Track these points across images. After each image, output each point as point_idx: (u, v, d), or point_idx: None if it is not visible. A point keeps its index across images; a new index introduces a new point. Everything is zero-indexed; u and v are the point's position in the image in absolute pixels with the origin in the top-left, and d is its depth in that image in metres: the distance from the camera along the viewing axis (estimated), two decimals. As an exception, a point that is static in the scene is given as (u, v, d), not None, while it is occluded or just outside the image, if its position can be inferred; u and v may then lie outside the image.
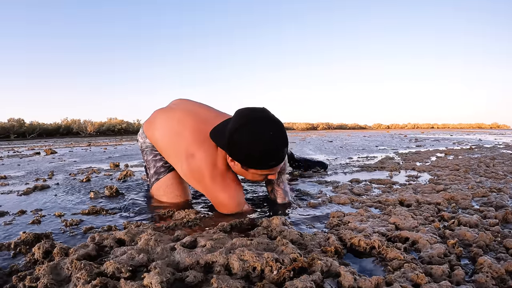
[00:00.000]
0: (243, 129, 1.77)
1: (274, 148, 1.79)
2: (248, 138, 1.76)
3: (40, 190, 2.92)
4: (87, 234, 1.71)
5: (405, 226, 1.71)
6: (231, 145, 1.82)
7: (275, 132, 1.79)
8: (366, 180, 3.25)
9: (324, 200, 2.33)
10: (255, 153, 1.78)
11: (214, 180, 1.98)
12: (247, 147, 1.77)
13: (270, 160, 1.82)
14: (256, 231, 1.65)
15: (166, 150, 2.25)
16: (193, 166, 2.00)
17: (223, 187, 2.00)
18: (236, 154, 1.84)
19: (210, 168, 1.97)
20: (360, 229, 1.66)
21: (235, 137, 1.79)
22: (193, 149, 2.03)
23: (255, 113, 1.83)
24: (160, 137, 2.30)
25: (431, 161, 4.96)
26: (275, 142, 1.79)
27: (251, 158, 1.80)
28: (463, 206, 2.18)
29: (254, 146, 1.76)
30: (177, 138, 2.15)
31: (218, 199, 2.03)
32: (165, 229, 1.74)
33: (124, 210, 2.19)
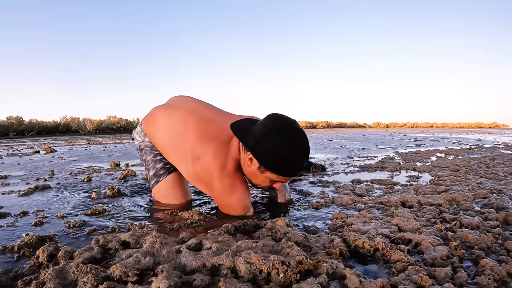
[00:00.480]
0: (279, 134, 1.77)
1: (301, 158, 1.82)
2: (282, 143, 1.76)
3: (41, 190, 2.91)
4: (90, 236, 1.71)
5: (408, 228, 1.72)
6: (260, 146, 1.80)
7: (305, 143, 1.83)
8: (367, 180, 3.26)
9: (326, 201, 2.34)
10: (284, 159, 1.78)
11: (222, 182, 1.95)
12: (278, 152, 1.77)
13: (294, 169, 1.84)
14: (260, 233, 1.66)
15: (168, 150, 2.21)
16: (199, 169, 1.97)
17: (231, 190, 1.98)
18: (263, 156, 1.81)
19: (218, 170, 1.94)
20: (363, 231, 1.67)
21: (269, 140, 1.78)
22: (198, 150, 1.99)
23: (289, 122, 1.84)
24: (161, 137, 2.25)
25: (431, 161, 4.97)
26: (303, 153, 1.82)
27: (278, 163, 1.80)
28: (464, 208, 2.18)
29: (285, 153, 1.77)
30: (180, 138, 2.10)
31: (225, 201, 2.02)
32: (169, 231, 1.75)
33: (126, 211, 2.19)
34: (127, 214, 2.11)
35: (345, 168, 4.25)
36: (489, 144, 9.11)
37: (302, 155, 1.81)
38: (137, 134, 2.52)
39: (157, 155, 2.41)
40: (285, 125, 1.80)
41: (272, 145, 1.77)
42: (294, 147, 1.77)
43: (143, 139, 2.46)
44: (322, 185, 3.02)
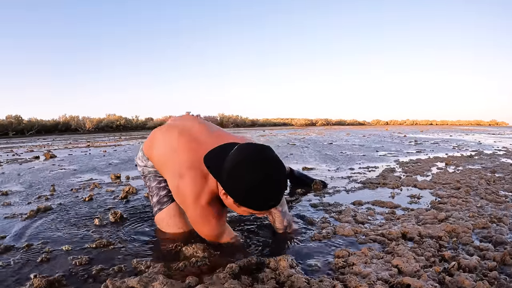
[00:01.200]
0: (248, 166, 1.63)
1: (276, 192, 1.69)
2: (252, 179, 1.61)
3: (44, 212, 2.93)
4: (98, 278, 1.73)
5: (407, 270, 1.74)
6: (230, 179, 1.68)
7: (280, 175, 1.69)
8: (368, 202, 3.28)
9: (328, 232, 2.34)
10: (256, 194, 1.65)
11: (195, 210, 1.96)
12: (249, 185, 1.63)
13: (269, 203, 1.71)
14: (264, 275, 1.68)
15: (162, 165, 2.23)
16: (179, 186, 1.98)
17: (202, 222, 2.00)
18: (233, 192, 1.70)
19: (192, 198, 1.92)
20: (364, 274, 1.69)
21: (235, 174, 1.65)
22: (183, 169, 1.98)
23: (263, 153, 1.69)
24: (157, 153, 2.28)
25: (432, 174, 4.99)
26: (278, 187, 1.69)
27: (251, 199, 1.68)
28: (464, 242, 2.20)
29: (254, 190, 1.64)
30: (173, 154, 2.11)
31: (197, 228, 2.06)
32: (175, 271, 1.77)
33: (130, 243, 2.21)
34: (131, 247, 2.13)
35: (346, 184, 4.26)
36: (489, 150, 9.12)
37: (275, 189, 1.68)
38: (139, 159, 2.55)
39: (161, 182, 2.42)
40: (256, 157, 1.67)
41: (240, 179, 1.64)
42: (266, 182, 1.63)
43: (146, 163, 2.48)
44: (324, 208, 3.03)
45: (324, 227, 2.48)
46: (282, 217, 2.30)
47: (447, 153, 8.25)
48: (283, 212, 2.31)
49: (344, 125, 49.29)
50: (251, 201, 1.69)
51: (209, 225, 2.01)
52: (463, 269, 1.78)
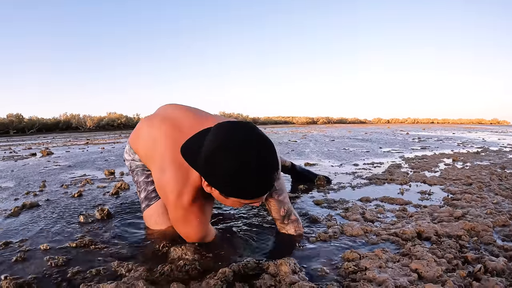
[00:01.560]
0: (225, 153, 1.42)
1: (262, 175, 1.45)
2: (230, 165, 1.40)
3: (29, 209, 2.74)
4: (72, 281, 1.52)
5: (428, 275, 1.52)
6: (208, 169, 1.48)
7: (265, 155, 1.46)
8: (376, 198, 3.07)
9: (335, 231, 2.11)
10: (239, 182, 1.44)
11: (176, 210, 1.78)
12: (228, 175, 1.42)
13: (257, 189, 1.49)
14: (262, 282, 1.46)
15: (149, 160, 2.04)
16: (161, 181, 1.81)
17: (184, 222, 1.82)
18: (214, 181, 1.50)
19: (175, 196, 1.74)
20: (379, 281, 1.46)
21: (214, 161, 1.44)
22: (165, 163, 1.80)
23: (239, 132, 1.47)
24: (142, 146, 2.10)
25: (440, 170, 4.78)
26: (265, 169, 1.45)
27: (234, 187, 1.46)
28: (485, 241, 1.99)
29: (237, 176, 1.41)
30: (154, 143, 1.93)
31: (177, 229, 1.89)
32: (159, 276, 1.55)
33: (114, 242, 2.01)
34: (114, 247, 1.92)
35: (351, 180, 4.04)
36: (495, 147, 8.91)
37: (261, 172, 1.44)
38: (126, 153, 2.36)
39: (149, 176, 2.24)
40: (233, 138, 1.45)
41: (221, 166, 1.43)
42: (247, 165, 1.41)
43: (133, 157, 2.29)
44: (329, 205, 2.81)
45: (330, 225, 2.25)
46: (278, 206, 2.05)
47: (452, 150, 8.03)
48: (280, 200, 2.04)
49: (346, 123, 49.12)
50: (236, 190, 1.48)
51: (190, 226, 1.83)
52: (490, 273, 1.58)
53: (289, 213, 2.07)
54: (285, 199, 2.07)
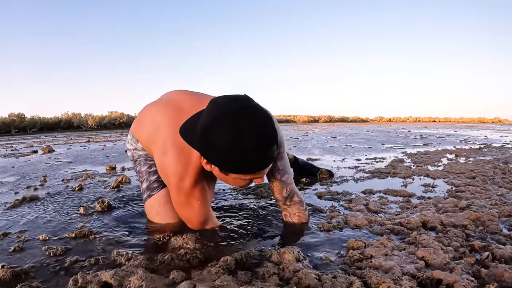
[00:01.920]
0: (220, 125, 1.39)
1: (260, 146, 1.42)
2: (227, 136, 1.37)
3: (29, 202, 2.71)
4: (70, 269, 1.49)
5: (436, 263, 1.49)
6: (205, 145, 1.46)
7: (262, 126, 1.42)
8: (380, 190, 3.03)
9: (339, 221, 2.09)
10: (236, 155, 1.40)
11: (178, 193, 1.77)
12: (225, 148, 1.39)
13: (255, 162, 1.46)
14: (265, 270, 1.42)
15: (151, 146, 2.00)
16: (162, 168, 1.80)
17: (186, 204, 1.80)
18: (212, 157, 1.49)
19: (177, 178, 1.73)
20: (386, 268, 1.43)
21: (210, 136, 1.42)
22: (167, 145, 1.77)
23: (234, 103, 1.43)
24: (145, 134, 2.06)
25: (443, 164, 4.74)
26: (262, 139, 1.41)
27: (231, 161, 1.44)
28: (491, 230, 1.96)
29: (234, 147, 1.38)
30: (157, 128, 1.90)
31: (180, 212, 1.88)
32: (159, 265, 1.51)
33: (114, 232, 1.97)
34: (114, 237, 1.89)
35: (354, 173, 4.01)
36: (497, 143, 8.87)
37: (258, 144, 1.40)
38: (129, 143, 2.30)
39: (152, 166, 2.19)
40: (228, 110, 1.42)
41: (217, 140, 1.40)
42: (244, 137, 1.37)
43: (135, 146, 2.23)
44: (332, 197, 2.78)
45: (334, 216, 2.22)
46: (280, 186, 2.02)
47: (455, 146, 8.00)
48: (283, 180, 2.02)
49: (347, 121, 48.98)
50: (234, 164, 1.46)
51: (192, 209, 1.82)
52: (498, 260, 1.54)
53: (291, 194, 2.04)
54: (288, 179, 2.04)
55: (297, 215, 2.06)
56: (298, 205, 2.06)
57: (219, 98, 1.51)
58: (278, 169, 2.01)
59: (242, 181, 1.61)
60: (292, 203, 2.05)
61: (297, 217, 2.06)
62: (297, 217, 2.06)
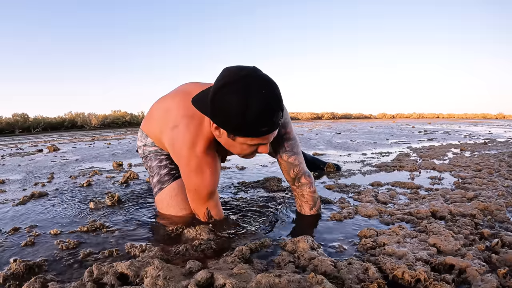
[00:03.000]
0: (230, 87, 1.48)
1: (266, 109, 1.48)
2: (236, 97, 1.46)
3: (37, 198, 2.73)
4: (84, 262, 1.50)
5: (447, 249, 1.50)
6: (214, 107, 1.54)
7: (268, 91, 1.49)
8: (388, 183, 3.04)
9: (349, 211, 2.10)
10: (244, 115, 1.46)
11: (189, 159, 1.78)
12: (234, 108, 1.46)
13: (261, 125, 1.52)
14: (281, 258, 1.44)
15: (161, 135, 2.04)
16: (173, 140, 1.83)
17: (197, 170, 1.80)
18: (219, 118, 1.55)
19: (187, 147, 1.77)
20: (399, 255, 1.44)
21: (220, 97, 1.50)
22: (177, 121, 1.84)
23: (243, 71, 1.51)
24: (155, 125, 2.12)
25: (448, 158, 4.75)
26: (268, 102, 1.48)
27: (239, 121, 1.49)
28: (499, 219, 1.98)
29: (242, 107, 1.45)
30: (167, 113, 1.96)
31: (189, 180, 1.85)
32: (174, 255, 1.52)
33: (126, 225, 1.98)
34: (126, 230, 1.90)
35: (361, 167, 4.03)
36: (502, 138, 8.84)
37: (265, 106, 1.47)
38: (139, 140, 2.36)
39: (162, 161, 2.23)
40: (238, 75, 1.49)
41: (225, 102, 1.48)
42: (252, 98, 1.45)
43: (145, 141, 2.28)
44: (341, 190, 2.79)
45: (344, 207, 2.24)
46: (288, 167, 2.07)
47: (459, 141, 7.99)
48: (290, 162, 2.06)
49: (350, 118, 48.88)
50: (242, 125, 1.51)
51: (202, 176, 1.81)
52: (508, 246, 1.56)
53: (299, 175, 2.07)
54: (296, 161, 2.07)
55: (304, 196, 2.09)
56: (305, 186, 2.09)
57: (229, 67, 1.58)
58: (286, 150, 2.04)
59: (248, 147, 1.67)
60: (300, 184, 2.09)
61: (304, 199, 2.10)
62: (304, 199, 2.10)
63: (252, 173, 3.67)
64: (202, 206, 1.92)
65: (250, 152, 1.72)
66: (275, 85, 1.56)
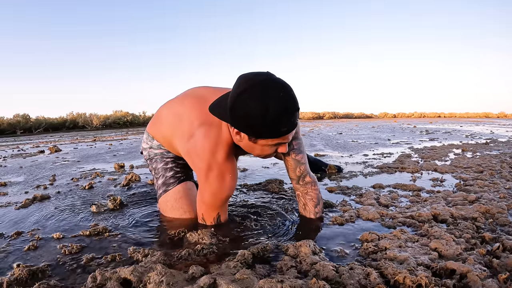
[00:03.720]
0: (249, 93, 1.56)
1: (284, 111, 1.57)
2: (255, 101, 1.54)
3: (40, 201, 2.73)
4: (88, 267, 1.50)
5: (449, 254, 1.51)
6: (234, 112, 1.62)
7: (285, 94, 1.59)
8: (389, 185, 3.04)
9: (351, 215, 2.11)
10: (264, 118, 1.55)
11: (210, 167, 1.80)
12: (254, 112, 1.55)
13: (281, 125, 1.61)
14: (283, 263, 1.44)
15: (172, 138, 2.07)
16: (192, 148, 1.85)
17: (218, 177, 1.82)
18: (241, 123, 1.63)
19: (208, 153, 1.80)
20: (401, 259, 1.45)
21: (239, 103, 1.58)
22: (194, 129, 1.86)
23: (260, 76, 1.60)
24: (164, 128, 2.15)
25: (450, 159, 4.74)
26: (285, 104, 1.58)
27: (260, 124, 1.58)
28: (501, 223, 1.98)
29: (262, 110, 1.54)
30: (180, 120, 1.98)
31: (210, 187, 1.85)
32: (177, 260, 1.53)
33: (129, 229, 1.99)
34: (129, 234, 1.91)
35: (362, 169, 4.03)
36: (503, 138, 8.82)
37: (283, 107, 1.57)
38: (144, 142, 2.37)
39: (168, 163, 2.24)
40: (255, 80, 1.58)
41: (246, 108, 1.57)
42: (270, 101, 1.54)
43: (151, 144, 2.29)
44: (342, 192, 2.80)
45: (346, 210, 2.24)
46: (294, 165, 2.11)
47: (461, 141, 7.97)
48: (297, 159, 2.11)
49: (352, 118, 48.90)
50: (262, 128, 1.61)
51: (223, 181, 1.84)
52: (508, 251, 1.57)
53: (304, 174, 2.12)
54: (303, 159, 2.12)
55: (308, 194, 2.12)
56: (310, 184, 2.12)
57: (245, 74, 1.66)
58: (294, 148, 2.09)
59: (269, 148, 1.75)
60: (305, 182, 2.12)
61: (309, 196, 2.12)
62: (309, 196, 2.12)
63: (253, 175, 3.69)
64: (214, 211, 1.94)
65: (270, 152, 1.79)
66: (290, 87, 1.64)
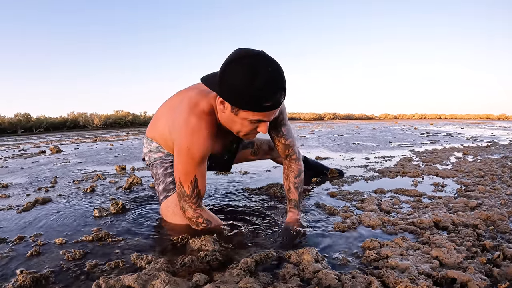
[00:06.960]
0: (238, 63, 1.60)
1: (271, 83, 1.60)
2: (243, 71, 1.58)
3: (42, 204, 2.74)
4: (91, 273, 1.51)
5: (449, 262, 1.52)
6: (222, 78, 1.65)
7: (275, 70, 1.61)
8: (391, 190, 3.05)
9: (353, 221, 2.11)
10: (249, 87, 1.58)
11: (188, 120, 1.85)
12: (241, 78, 1.58)
13: (265, 98, 1.61)
14: (286, 271, 1.45)
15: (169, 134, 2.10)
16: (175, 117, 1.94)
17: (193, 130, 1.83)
18: (227, 89, 1.65)
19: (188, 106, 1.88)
20: (402, 268, 1.46)
21: (229, 69, 1.62)
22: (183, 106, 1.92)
23: (254, 51, 1.63)
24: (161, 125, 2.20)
25: (451, 163, 4.75)
26: (273, 78, 1.60)
27: (244, 92, 1.60)
28: (502, 230, 1.99)
29: (249, 78, 1.56)
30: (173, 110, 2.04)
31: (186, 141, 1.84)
32: (180, 267, 1.53)
33: (131, 235, 1.99)
34: (132, 240, 1.91)
35: (364, 172, 4.03)
36: (504, 141, 8.82)
37: (269, 81, 1.59)
38: (144, 146, 2.41)
39: (168, 168, 2.26)
40: (247, 53, 1.61)
41: (233, 75, 1.60)
42: (258, 73, 1.56)
43: (150, 147, 2.33)
44: (344, 197, 2.79)
45: (348, 216, 2.25)
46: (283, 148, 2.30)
47: (462, 144, 7.97)
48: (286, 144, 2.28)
49: (353, 119, 48.87)
50: (247, 97, 1.62)
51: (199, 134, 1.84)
52: (509, 259, 1.58)
53: (291, 154, 2.33)
54: (291, 143, 2.30)
55: (291, 167, 2.33)
56: (294, 160, 2.35)
57: (238, 49, 1.68)
58: (283, 134, 2.24)
59: (249, 123, 1.76)
60: (290, 159, 2.35)
61: (291, 169, 2.33)
62: (291, 169, 2.33)
63: (255, 178, 3.69)
64: (191, 172, 1.89)
65: (250, 129, 1.80)
66: (281, 68, 1.67)
